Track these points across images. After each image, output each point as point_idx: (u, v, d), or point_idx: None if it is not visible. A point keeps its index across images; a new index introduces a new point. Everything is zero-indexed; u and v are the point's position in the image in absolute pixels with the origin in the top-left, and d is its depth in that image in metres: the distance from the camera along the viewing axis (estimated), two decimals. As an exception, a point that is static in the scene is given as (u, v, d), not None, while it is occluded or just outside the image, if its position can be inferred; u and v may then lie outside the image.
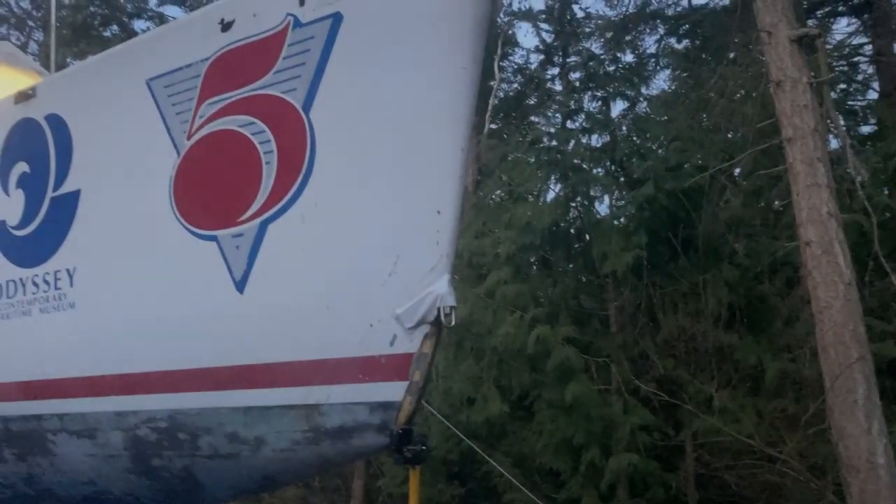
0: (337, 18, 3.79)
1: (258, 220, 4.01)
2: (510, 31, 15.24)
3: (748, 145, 8.41)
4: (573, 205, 10.59)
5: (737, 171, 10.05)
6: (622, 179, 10.36)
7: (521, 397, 9.98)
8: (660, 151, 10.28)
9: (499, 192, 12.67)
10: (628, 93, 12.30)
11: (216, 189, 4.24)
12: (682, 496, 8.93)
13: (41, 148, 4.84)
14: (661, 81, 13.57)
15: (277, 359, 3.91)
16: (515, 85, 16.78)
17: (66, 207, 4.69)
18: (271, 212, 3.98)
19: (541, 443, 9.26)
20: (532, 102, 16.06)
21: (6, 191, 4.98)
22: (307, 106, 3.89)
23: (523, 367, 9.52)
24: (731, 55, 10.62)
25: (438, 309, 3.52)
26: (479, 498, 10.49)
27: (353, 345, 3.70)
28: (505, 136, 15.10)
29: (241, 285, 4.03)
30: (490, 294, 9.64)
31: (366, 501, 12.38)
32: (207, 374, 4.14)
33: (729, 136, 10.09)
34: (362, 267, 3.76)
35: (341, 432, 3.74)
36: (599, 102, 12.01)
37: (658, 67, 14.06)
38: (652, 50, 14.29)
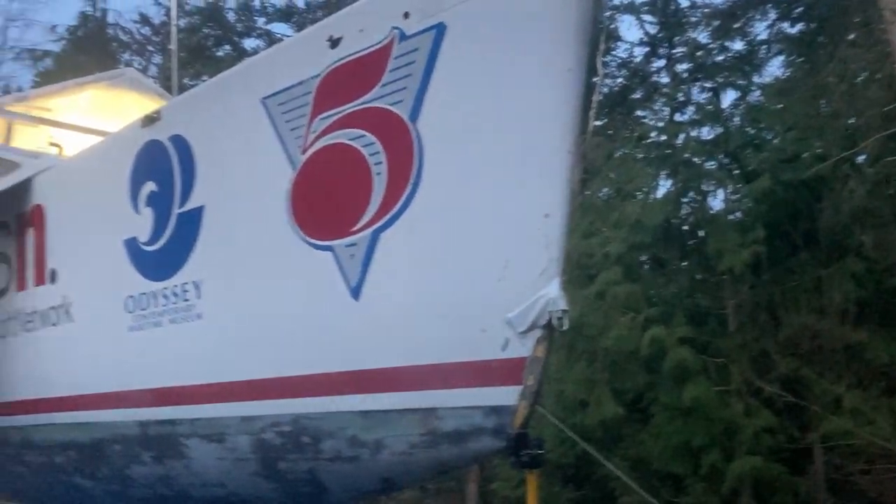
0: (440, 29, 3.84)
1: (370, 230, 4.11)
2: (612, 26, 14.99)
3: (872, 131, 7.95)
4: (685, 201, 10.32)
5: (861, 158, 9.51)
6: (736, 172, 10.00)
7: (636, 399, 9.78)
8: (775, 141, 9.87)
9: (606, 190, 12.47)
10: (739, 82, 11.88)
11: (330, 201, 4.38)
12: (812, 502, 8.52)
13: (167, 167, 5.12)
14: (775, 68, 12.99)
15: (393, 363, 4.00)
16: (619, 80, 16.49)
17: (192, 223, 4.94)
18: (382, 221, 4.08)
19: (658, 446, 9.05)
20: (638, 97, 15.74)
21: (137, 209, 5.29)
22: (414, 116, 3.96)
23: (637, 369, 9.34)
24: (851, 36, 10.07)
25: (550, 313, 3.51)
26: (595, 502, 10.35)
27: (466, 350, 3.74)
28: (610, 132, 14.86)
29: (356, 293, 4.14)
30: (600, 295, 9.50)
31: (481, 504, 12.43)
32: (327, 379, 4.28)
33: (851, 121, 9.56)
34: (472, 272, 3.79)
35: (457, 436, 3.79)
36: (709, 93, 11.66)
37: (770, 54, 13.49)
38: (763, 36, 13.72)
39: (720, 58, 12.02)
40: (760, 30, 13.84)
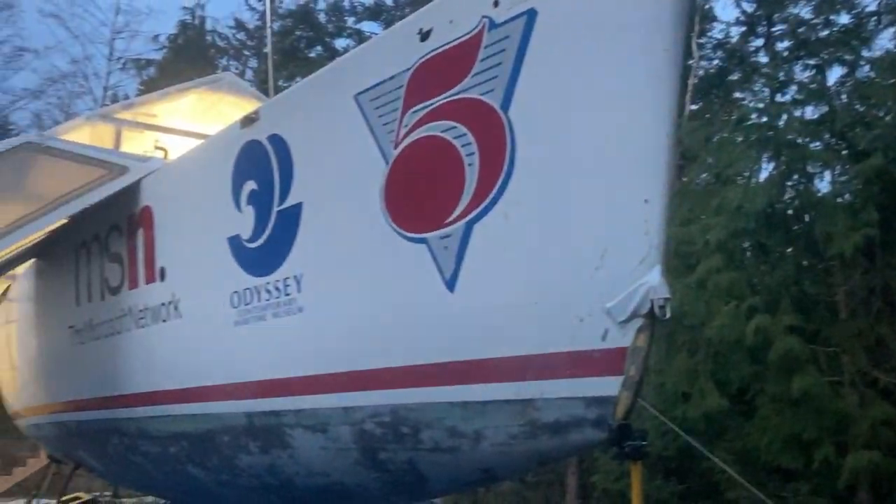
0: (531, 15, 3.79)
1: (464, 221, 4.11)
2: (707, 6, 14.50)
3: None
4: (789, 184, 9.88)
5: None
6: (844, 152, 9.51)
7: (741, 391, 9.45)
8: (887, 118, 9.32)
9: (704, 176, 12.10)
10: (846, 57, 11.26)
11: (423, 193, 4.40)
12: (936, 499, 8.05)
13: (266, 166, 5.27)
14: (885, 41, 12.25)
15: (490, 354, 3.99)
16: (716, 61, 15.97)
17: (291, 219, 5.06)
18: (476, 212, 4.06)
19: (765, 439, 8.72)
20: (735, 78, 15.20)
21: (239, 207, 5.46)
22: (506, 105, 3.93)
23: (742, 360, 9.02)
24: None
25: (652, 301, 3.43)
26: (700, 496, 10.08)
27: (564, 340, 3.69)
28: (707, 116, 14.40)
29: (451, 284, 4.15)
30: (701, 284, 9.22)
31: (580, 497, 12.30)
32: (424, 370, 4.31)
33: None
34: (568, 261, 3.73)
35: (557, 427, 3.74)
36: (812, 71, 11.12)
37: (880, 26, 12.73)
38: (872, 7, 12.97)
39: (824, 33, 11.43)
40: (869, 1, 13.10)
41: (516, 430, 3.90)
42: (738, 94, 14.79)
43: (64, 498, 15.35)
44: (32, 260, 9.31)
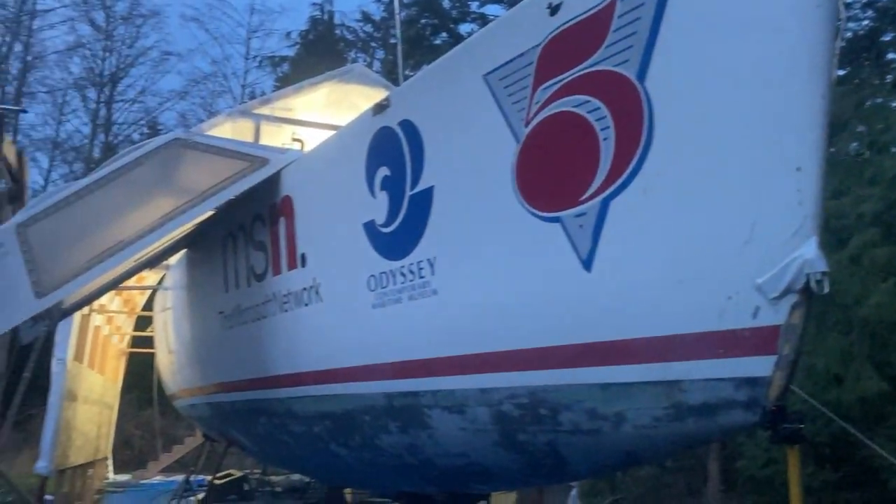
0: (667, -21, 3.62)
1: (599, 198, 3.99)
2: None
3: None
4: (953, 149, 9.07)
5: None
6: None
7: (903, 373, 8.80)
8: None
9: (855, 145, 11.29)
10: None
11: (556, 171, 4.32)
12: None
13: (398, 152, 5.33)
14: None
15: (631, 335, 3.87)
16: (865, 22, 14.86)
17: (423, 203, 5.10)
18: (612, 188, 3.94)
19: (934, 425, 8.08)
20: (888, 39, 14.08)
21: (373, 193, 5.57)
22: (641, 75, 3.78)
23: (903, 340, 8.39)
24: None
25: (807, 276, 3.21)
26: (858, 485, 9.48)
27: (711, 318, 3.52)
28: (857, 81, 13.42)
29: (587, 264, 4.06)
30: (855, 259, 8.64)
31: (723, 483, 11.86)
32: (561, 351, 4.24)
33: None
34: (713, 236, 3.56)
35: (705, 409, 3.59)
36: (980, 24, 10.10)
37: None
38: None
39: None
40: None
41: (660, 412, 3.77)
42: (891, 56, 13.70)
43: (218, 475, 16.34)
44: (184, 250, 9.91)
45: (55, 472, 12.65)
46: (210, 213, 7.83)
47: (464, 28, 22.45)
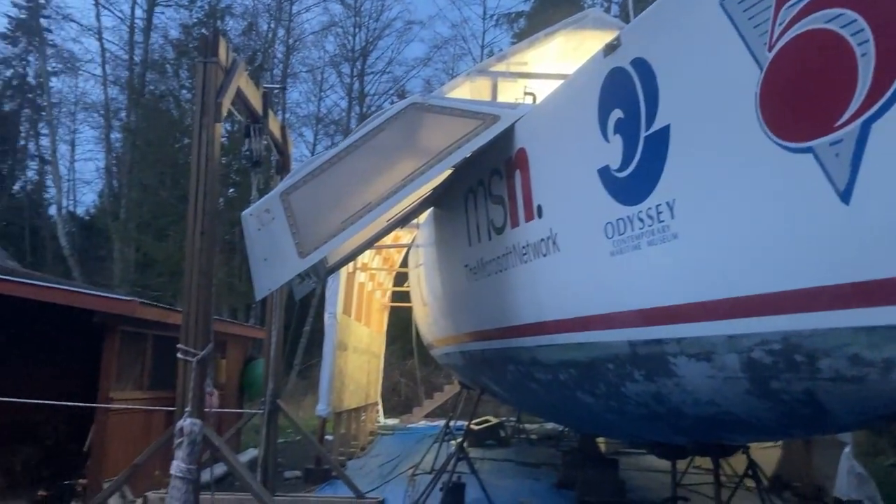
0: None
1: (858, 122, 3.58)
2: None
3: None
4: None
5: None
6: None
7: None
8: None
9: None
10: None
11: (806, 97, 3.93)
12: None
13: (631, 92, 5.15)
14: None
15: (899, 273, 3.45)
16: None
17: (659, 144, 4.90)
18: (873, 109, 3.51)
19: None
20: None
21: (606, 138, 5.44)
22: (906, -23, 3.30)
23: None
24: None
25: None
26: None
27: None
28: None
29: (845, 196, 3.66)
30: None
31: None
32: (818, 293, 3.89)
33: None
34: None
35: None
36: None
37: None
38: None
39: None
40: None
41: (938, 357, 3.34)
42: None
43: (474, 421, 17.19)
44: (431, 209, 10.42)
45: (332, 414, 14.09)
46: (449, 171, 8.15)
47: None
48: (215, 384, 6.72)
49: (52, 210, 37.36)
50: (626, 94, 5.21)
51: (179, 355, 6.07)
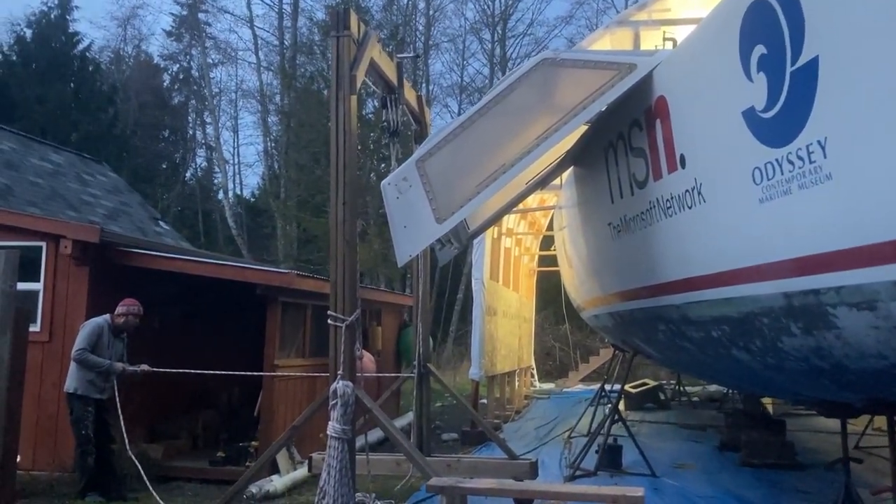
0: None
1: None
2: None
3: None
4: None
5: None
6: None
7: None
8: None
9: None
10: None
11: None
12: None
13: (774, 25, 4.78)
14: None
15: None
16: None
17: (808, 78, 4.52)
18: None
19: None
20: None
21: (749, 77, 5.09)
22: None
23: None
24: None
25: None
26: None
27: None
28: None
29: None
30: None
31: None
32: None
33: None
34: None
35: None
36: None
37: None
38: None
39: None
40: None
41: None
42: None
43: (632, 384, 16.85)
44: (571, 168, 10.22)
45: (484, 377, 14.27)
46: (586, 128, 7.93)
47: None
48: (372, 351, 6.93)
49: (220, 194, 39.89)
50: (768, 27, 4.84)
51: (329, 321, 6.31)
